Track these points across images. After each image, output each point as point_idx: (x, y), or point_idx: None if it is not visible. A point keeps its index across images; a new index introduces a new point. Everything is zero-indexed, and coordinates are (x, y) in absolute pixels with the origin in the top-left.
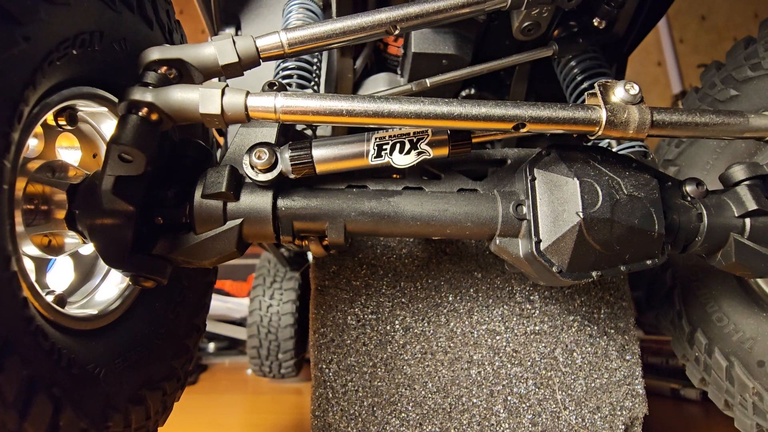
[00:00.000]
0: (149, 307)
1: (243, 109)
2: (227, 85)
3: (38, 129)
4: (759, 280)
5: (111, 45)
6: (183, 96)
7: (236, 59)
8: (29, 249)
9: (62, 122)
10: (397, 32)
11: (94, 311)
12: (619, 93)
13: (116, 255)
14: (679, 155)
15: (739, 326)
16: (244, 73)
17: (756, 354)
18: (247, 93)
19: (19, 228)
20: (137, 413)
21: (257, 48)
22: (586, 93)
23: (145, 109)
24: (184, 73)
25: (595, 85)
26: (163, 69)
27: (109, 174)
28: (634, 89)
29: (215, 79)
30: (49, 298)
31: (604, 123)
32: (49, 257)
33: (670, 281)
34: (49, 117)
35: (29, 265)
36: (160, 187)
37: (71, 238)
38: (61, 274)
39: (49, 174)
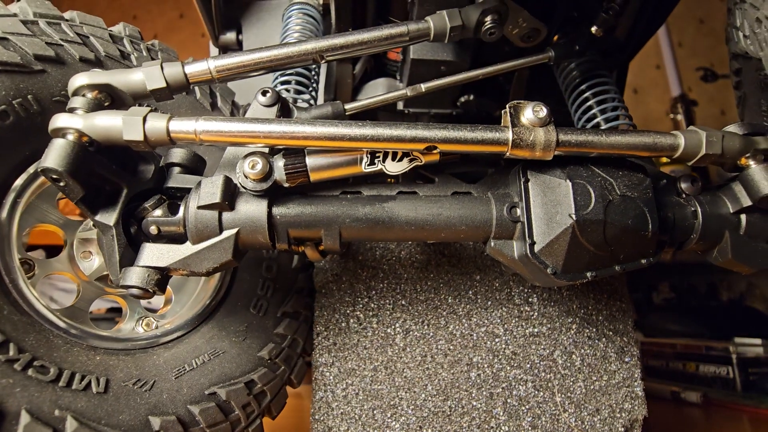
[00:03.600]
0: (226, 310)
1: (165, 134)
2: (153, 110)
3: None
4: None
5: (52, 101)
6: (107, 122)
7: (164, 84)
8: (107, 288)
9: None
10: (323, 61)
11: (167, 327)
12: (527, 115)
13: (113, 271)
14: None
15: None
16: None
17: None
18: (170, 117)
19: (84, 277)
20: (206, 412)
21: (185, 74)
22: (501, 112)
23: (75, 133)
24: (115, 97)
25: (507, 106)
26: (95, 93)
27: (71, 201)
28: (543, 112)
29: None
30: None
31: (510, 144)
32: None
33: None
34: None
35: (122, 303)
36: (151, 200)
37: None
38: (156, 300)
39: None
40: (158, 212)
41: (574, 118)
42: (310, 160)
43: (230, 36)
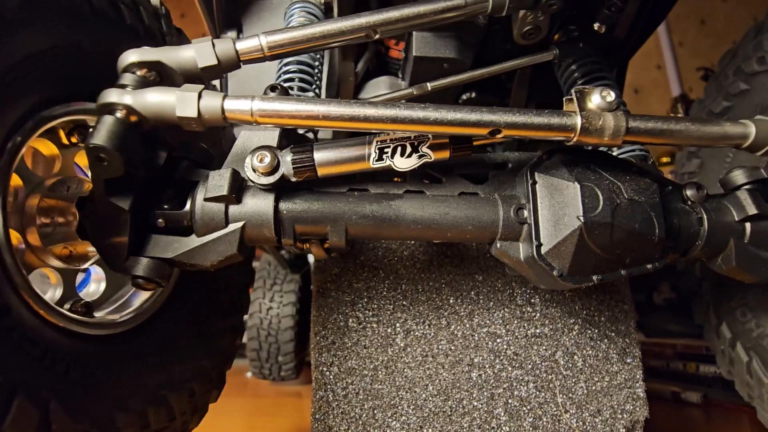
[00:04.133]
0: (176, 311)
1: (220, 112)
2: (205, 88)
3: (53, 149)
4: None
5: (95, 58)
6: (160, 98)
7: (215, 62)
8: (52, 261)
9: (74, 140)
10: (377, 36)
11: (116, 317)
12: (595, 100)
13: (115, 258)
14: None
15: (760, 322)
16: (245, 75)
17: None
18: (224, 96)
19: (36, 242)
20: (157, 414)
21: (237, 51)
22: (564, 99)
23: (123, 111)
24: (164, 75)
25: (572, 91)
26: (143, 71)
27: (94, 178)
28: (611, 96)
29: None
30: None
31: (578, 130)
32: (75, 268)
33: (701, 273)
34: (62, 135)
35: (53, 278)
36: (161, 191)
37: (92, 248)
38: (94, 284)
39: (65, 189)
40: (166, 204)
41: None
42: (318, 155)
43: (231, 35)
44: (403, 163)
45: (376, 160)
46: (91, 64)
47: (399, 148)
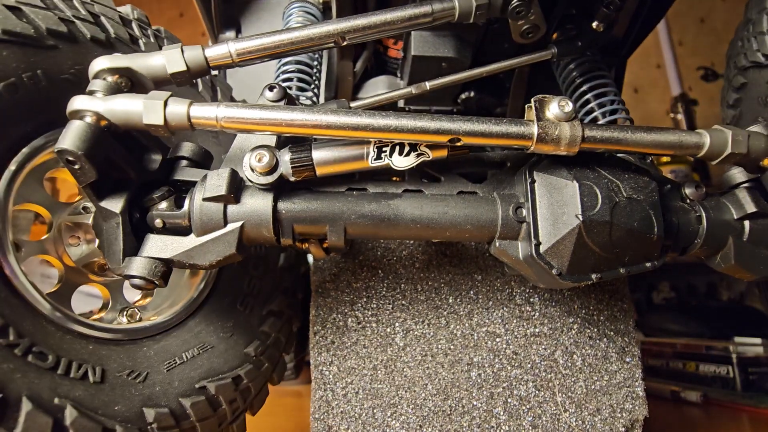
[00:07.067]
0: (214, 306)
1: (186, 119)
2: (171, 95)
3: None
4: None
5: (61, 79)
6: (127, 105)
7: (184, 68)
8: (92, 276)
9: None
10: (345, 43)
11: (156, 320)
12: (553, 109)
13: (114, 260)
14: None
15: None
16: (244, 74)
17: None
18: (191, 103)
19: (69, 262)
20: (197, 406)
21: (206, 57)
22: (525, 106)
23: (92, 116)
24: (135, 81)
25: (532, 100)
26: (114, 77)
27: (80, 185)
28: (568, 107)
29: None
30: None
31: (535, 138)
32: (112, 278)
33: None
34: None
35: (98, 291)
36: (159, 191)
37: None
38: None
39: (83, 210)
40: (164, 205)
41: None
42: (317, 154)
43: (230, 35)
44: (401, 162)
45: (375, 159)
46: (62, 85)
47: (397, 147)
